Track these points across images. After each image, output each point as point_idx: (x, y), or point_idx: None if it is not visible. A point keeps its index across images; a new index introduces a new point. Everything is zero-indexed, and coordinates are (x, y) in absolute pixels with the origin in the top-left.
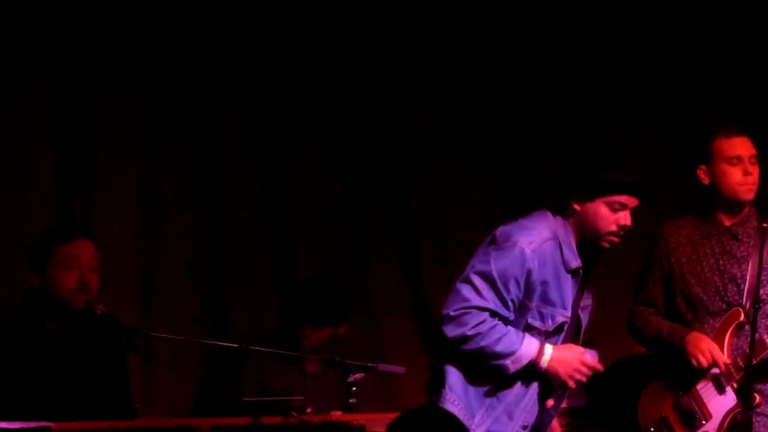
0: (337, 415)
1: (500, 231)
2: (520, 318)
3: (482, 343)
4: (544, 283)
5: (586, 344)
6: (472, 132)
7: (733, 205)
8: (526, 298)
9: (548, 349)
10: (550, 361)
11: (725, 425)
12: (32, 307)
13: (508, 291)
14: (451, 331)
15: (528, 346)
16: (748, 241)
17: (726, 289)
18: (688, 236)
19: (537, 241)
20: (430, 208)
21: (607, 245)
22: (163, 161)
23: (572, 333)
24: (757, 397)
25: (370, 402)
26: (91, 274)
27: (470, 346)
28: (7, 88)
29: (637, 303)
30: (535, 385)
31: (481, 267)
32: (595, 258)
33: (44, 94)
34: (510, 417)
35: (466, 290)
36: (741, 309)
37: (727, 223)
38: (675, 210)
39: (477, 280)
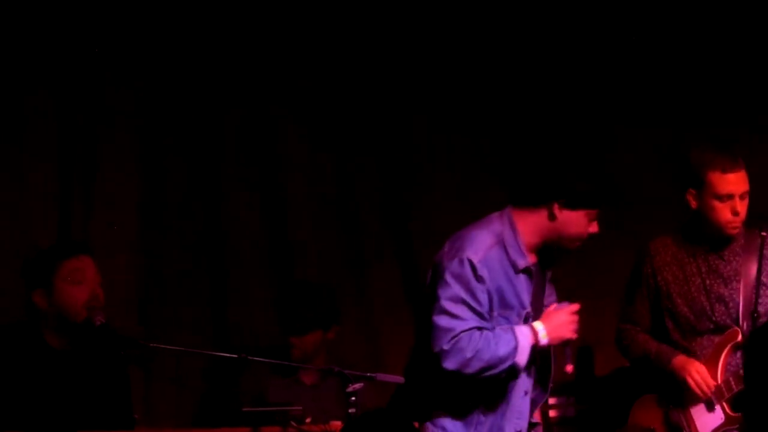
0: (336, 425)
1: (448, 248)
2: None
3: (486, 357)
4: (499, 290)
5: None
6: (473, 140)
7: (718, 235)
8: (489, 308)
9: (538, 325)
10: (548, 333)
11: None
12: (33, 321)
13: (480, 303)
14: (452, 363)
15: (522, 334)
16: (735, 260)
17: (713, 309)
18: (674, 255)
19: (482, 250)
20: (429, 217)
21: (572, 249)
22: (162, 171)
23: None
24: None
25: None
26: (99, 288)
27: (475, 365)
28: (7, 98)
29: (623, 320)
30: (518, 391)
31: (447, 293)
32: (555, 257)
33: (44, 105)
34: (500, 429)
35: (445, 321)
36: (739, 329)
37: (712, 242)
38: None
39: (450, 306)
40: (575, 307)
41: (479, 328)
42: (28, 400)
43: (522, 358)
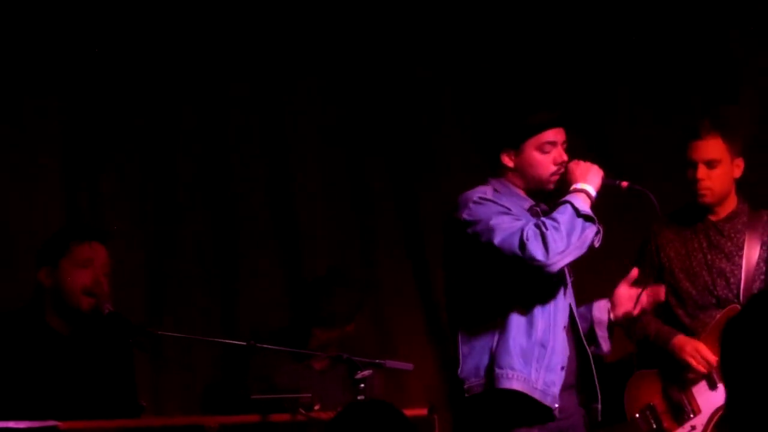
0: None
1: (457, 209)
2: None
3: (560, 226)
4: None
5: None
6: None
7: (698, 205)
8: None
9: (575, 185)
10: (584, 182)
11: (713, 421)
12: (37, 306)
13: (517, 214)
14: (537, 248)
15: (568, 196)
16: (736, 236)
17: (715, 284)
18: (678, 232)
19: (488, 192)
20: (439, 207)
21: (551, 186)
22: (172, 160)
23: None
24: None
25: (379, 398)
26: (104, 277)
27: (556, 238)
28: (10, 93)
29: None
30: (560, 325)
31: (485, 219)
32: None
33: (51, 95)
34: (555, 363)
35: (503, 232)
36: (739, 306)
37: (713, 219)
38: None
39: (497, 221)
40: (575, 160)
41: (535, 221)
42: (32, 386)
43: (582, 206)
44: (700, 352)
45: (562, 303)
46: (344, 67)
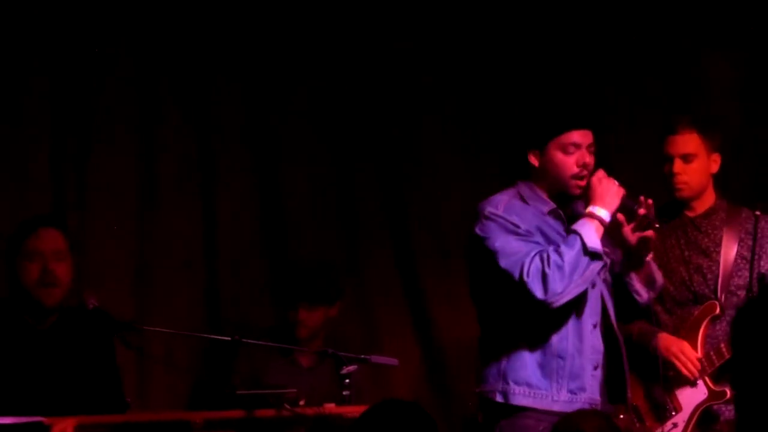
0: (330, 407)
1: (476, 213)
2: None
3: (563, 264)
4: (537, 228)
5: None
6: (471, 124)
7: (675, 199)
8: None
9: (591, 209)
10: (601, 206)
11: (695, 418)
12: (13, 301)
13: (528, 232)
14: (537, 288)
15: (578, 224)
16: (714, 233)
17: (692, 279)
18: (657, 230)
19: (502, 203)
20: (426, 201)
21: (577, 191)
22: (157, 154)
23: None
24: (728, 392)
25: (365, 394)
26: (56, 263)
27: (556, 278)
28: (5, 85)
29: None
30: (586, 326)
31: (494, 239)
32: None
33: (38, 88)
34: (581, 368)
35: (508, 259)
36: (717, 302)
37: (690, 215)
38: None
39: (504, 245)
40: (600, 173)
41: (541, 251)
42: (11, 380)
43: (592, 241)
44: (685, 354)
45: (591, 301)
46: (338, 69)
